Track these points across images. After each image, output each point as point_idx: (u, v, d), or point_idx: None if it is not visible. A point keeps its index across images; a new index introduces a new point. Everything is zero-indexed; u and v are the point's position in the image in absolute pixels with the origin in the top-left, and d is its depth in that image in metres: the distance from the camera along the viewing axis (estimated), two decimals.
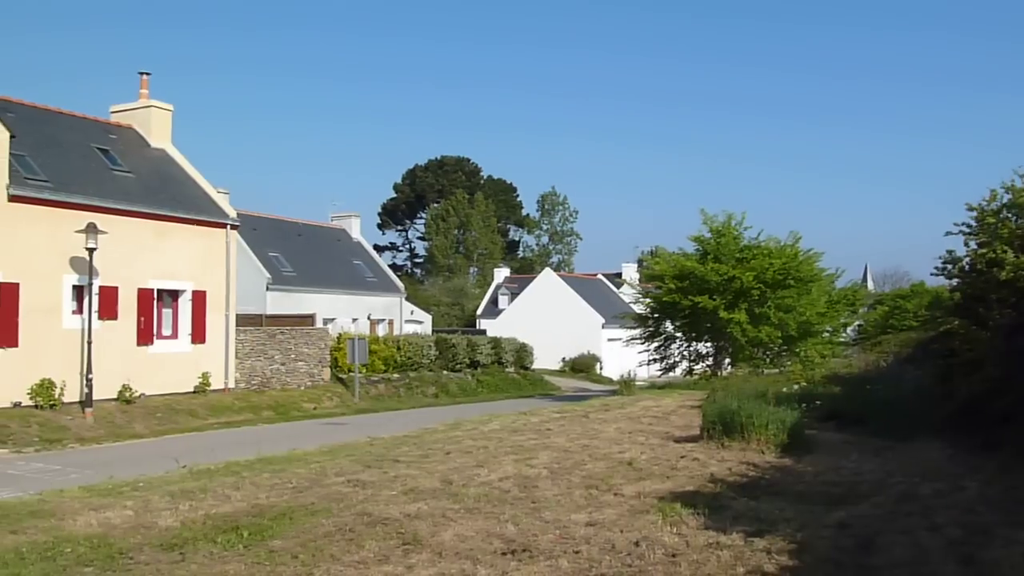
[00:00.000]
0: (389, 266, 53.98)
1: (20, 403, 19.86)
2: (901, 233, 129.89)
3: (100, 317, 21.52)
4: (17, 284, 19.98)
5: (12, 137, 20.18)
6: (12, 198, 19.99)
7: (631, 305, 45.91)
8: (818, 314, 31.59)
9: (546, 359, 47.92)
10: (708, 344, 33.61)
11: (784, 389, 19.32)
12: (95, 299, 21.26)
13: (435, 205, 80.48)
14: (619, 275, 63.04)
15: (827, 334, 34.41)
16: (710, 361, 33.65)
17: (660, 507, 8.41)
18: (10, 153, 20.20)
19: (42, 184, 21.01)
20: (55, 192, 21.08)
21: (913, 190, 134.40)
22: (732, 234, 31.60)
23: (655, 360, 34.93)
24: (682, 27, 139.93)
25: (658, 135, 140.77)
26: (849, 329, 39.46)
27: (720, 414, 13.37)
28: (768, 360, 32.67)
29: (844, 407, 17.30)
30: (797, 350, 32.15)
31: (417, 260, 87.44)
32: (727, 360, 33.04)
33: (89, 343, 20.67)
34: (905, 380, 18.27)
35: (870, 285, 75.06)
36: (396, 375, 32.58)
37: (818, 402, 17.91)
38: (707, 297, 29.80)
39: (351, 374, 29.55)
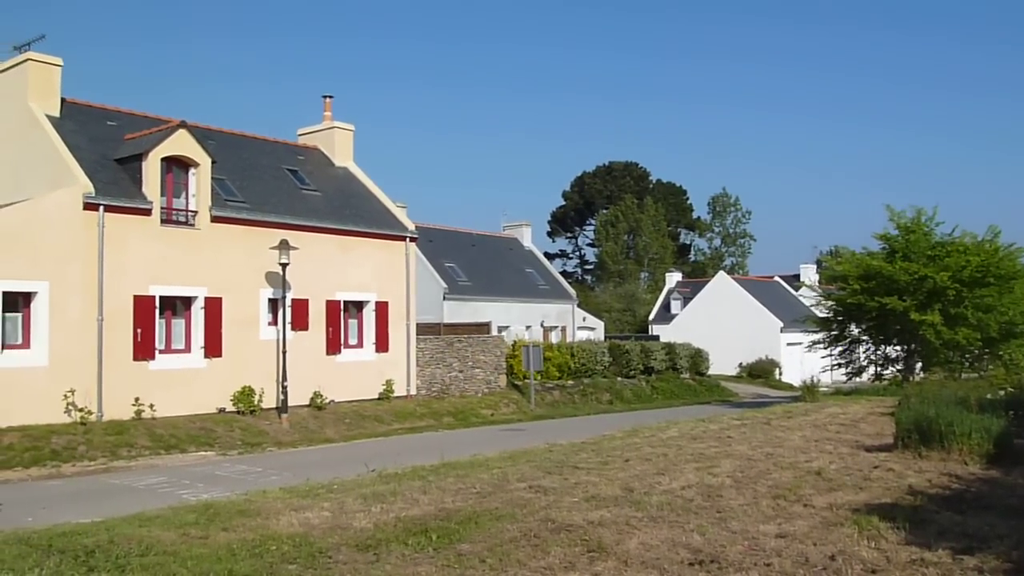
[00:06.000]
0: (560, 273, 54.33)
1: (224, 409, 21.39)
2: None
3: (293, 328, 22.86)
4: (220, 298, 21.56)
5: (213, 163, 21.82)
6: (215, 219, 21.61)
7: (811, 308, 44.10)
8: (1022, 314, 29.18)
9: (722, 364, 46.85)
10: (898, 347, 31.76)
11: (987, 395, 17.91)
12: (288, 311, 22.60)
13: (604, 211, 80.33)
14: (797, 277, 60.75)
15: None
16: (900, 365, 31.79)
17: (855, 520, 7.98)
18: (212, 178, 21.85)
19: (240, 205, 22.59)
20: (251, 212, 22.61)
21: None
22: (922, 230, 29.75)
23: (839, 365, 33.35)
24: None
25: (834, 128, 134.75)
26: None
27: (916, 421, 12.55)
28: (966, 364, 30.48)
29: None
30: (999, 352, 29.84)
31: (587, 266, 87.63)
32: (919, 364, 31.10)
33: (284, 353, 21.98)
34: None
35: None
36: (570, 382, 32.77)
37: None
38: (896, 298, 28.17)
39: (526, 381, 29.96)
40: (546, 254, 61.22)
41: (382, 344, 25.78)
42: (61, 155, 19.84)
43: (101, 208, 19.41)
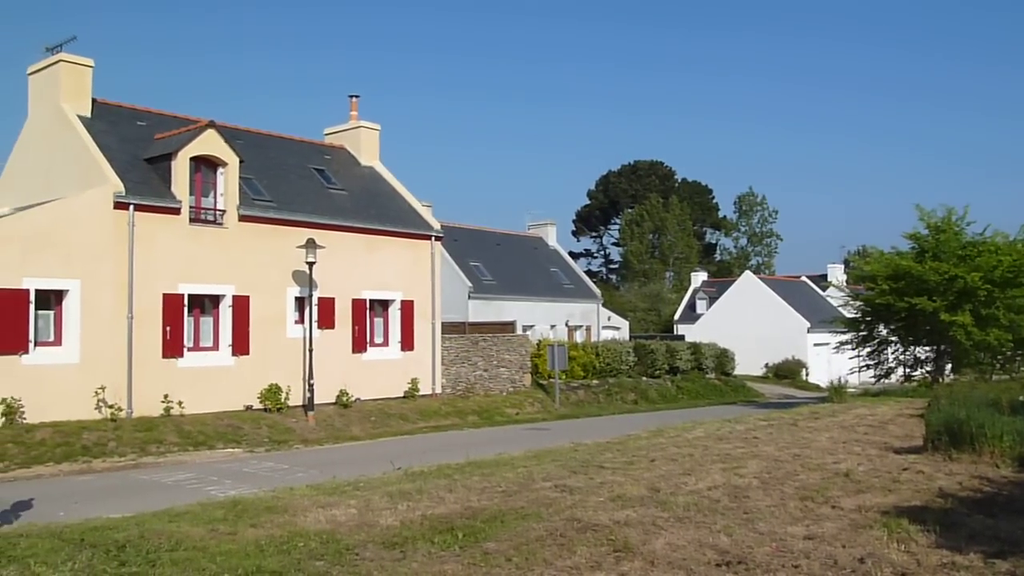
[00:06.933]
0: (585, 272, 54.19)
1: (251, 406, 21.56)
2: None
3: (319, 326, 22.99)
4: (248, 297, 21.74)
5: (241, 162, 21.99)
6: (242, 218, 21.78)
7: (839, 308, 43.72)
8: None
9: (748, 365, 46.58)
10: (927, 349, 31.40)
11: (1019, 397, 17.67)
12: (315, 310, 22.73)
13: (629, 210, 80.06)
14: (824, 277, 60.22)
15: None
16: (930, 367, 31.43)
17: (884, 522, 7.90)
18: (240, 177, 22.03)
19: (267, 204, 22.76)
20: (278, 211, 22.77)
21: None
22: (953, 230, 29.39)
23: (868, 366, 33.02)
24: (893, 13, 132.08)
25: (861, 126, 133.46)
26: None
27: (946, 423, 12.42)
28: (997, 365, 30.09)
29: None
30: None
31: (612, 266, 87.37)
32: (949, 366, 30.74)
33: (310, 351, 22.12)
34: None
35: None
36: (595, 381, 32.71)
37: None
38: (926, 298, 27.83)
39: (551, 380, 29.93)
40: (571, 253, 61.12)
41: (407, 343, 25.87)
42: (92, 155, 20.09)
43: (131, 207, 19.64)
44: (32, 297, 18.22)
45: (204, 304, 21.45)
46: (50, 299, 18.74)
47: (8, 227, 18.47)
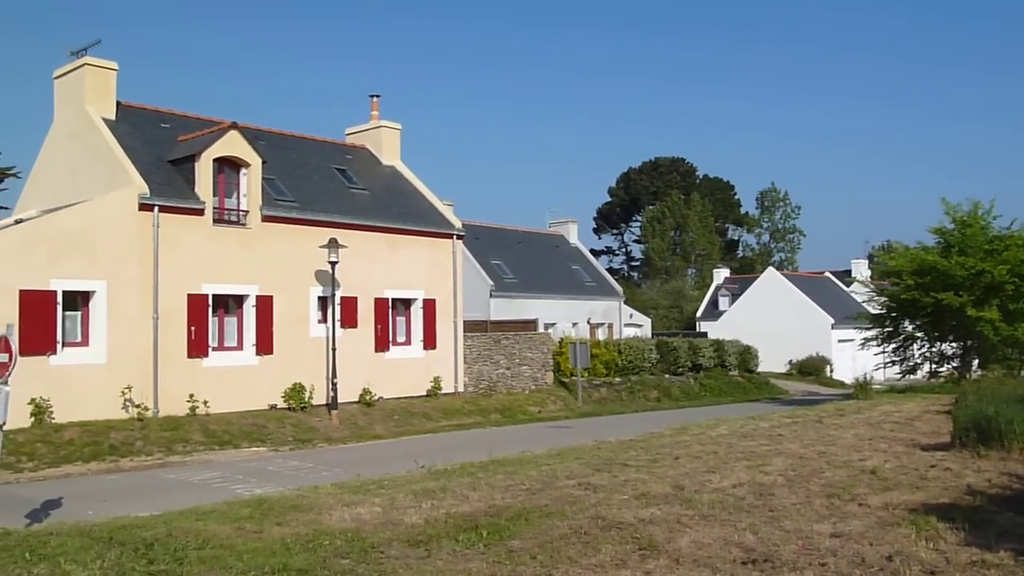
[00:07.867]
0: (606, 270, 54.05)
1: (275, 405, 21.69)
2: None
3: (342, 326, 23.08)
4: (271, 297, 21.87)
5: (264, 163, 22.12)
6: (265, 218, 21.91)
7: (863, 304, 43.39)
8: None
9: (771, 362, 46.27)
10: (954, 344, 31.06)
11: None
12: (338, 309, 22.83)
13: (650, 207, 79.78)
14: (848, 272, 59.75)
15: None
16: (956, 363, 31.09)
17: (912, 520, 7.83)
18: (263, 177, 22.16)
19: (290, 204, 22.88)
20: (301, 211, 22.89)
21: None
22: (979, 224, 29.05)
23: (893, 362, 32.72)
24: (916, 26, 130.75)
25: (885, 121, 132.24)
26: None
27: (974, 419, 12.28)
28: None
29: None
30: None
31: (634, 263, 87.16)
32: (976, 361, 30.40)
33: (333, 350, 22.22)
34: None
35: None
36: (617, 379, 32.64)
37: None
38: (952, 293, 27.54)
39: (573, 378, 29.91)
40: (592, 251, 60.94)
41: (430, 341, 25.92)
42: (117, 157, 20.28)
43: (156, 208, 19.81)
44: (59, 298, 18.43)
45: (228, 304, 21.61)
46: (77, 300, 18.94)
47: (35, 229, 18.69)
